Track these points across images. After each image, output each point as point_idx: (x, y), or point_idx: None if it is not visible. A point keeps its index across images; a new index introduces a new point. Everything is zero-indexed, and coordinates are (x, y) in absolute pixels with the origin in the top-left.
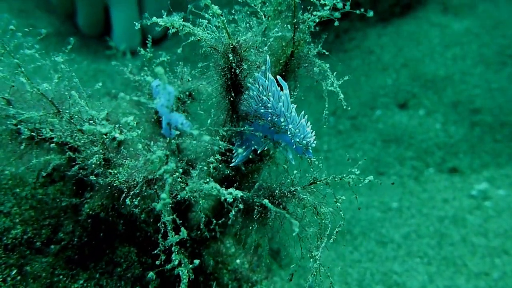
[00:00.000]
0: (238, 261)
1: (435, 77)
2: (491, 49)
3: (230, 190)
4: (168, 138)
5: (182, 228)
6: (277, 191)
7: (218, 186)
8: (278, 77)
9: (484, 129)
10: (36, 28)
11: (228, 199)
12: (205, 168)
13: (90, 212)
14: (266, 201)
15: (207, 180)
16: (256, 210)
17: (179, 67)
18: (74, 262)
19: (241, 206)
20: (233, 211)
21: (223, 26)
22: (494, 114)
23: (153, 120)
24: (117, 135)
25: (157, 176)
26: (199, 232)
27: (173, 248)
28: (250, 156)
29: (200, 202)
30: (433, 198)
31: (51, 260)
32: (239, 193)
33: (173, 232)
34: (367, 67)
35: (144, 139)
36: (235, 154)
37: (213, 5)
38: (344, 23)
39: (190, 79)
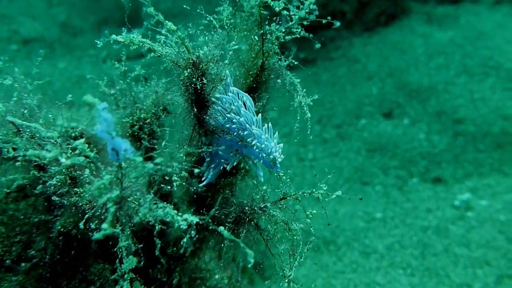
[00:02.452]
0: (217, 276)
1: (420, 87)
2: (474, 59)
3: (186, 216)
4: (116, 163)
5: (131, 257)
6: (247, 207)
7: (172, 212)
8: (236, 89)
9: (467, 139)
10: (19, 33)
11: (182, 227)
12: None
13: (62, 229)
14: (221, 228)
15: (162, 205)
16: (227, 227)
17: (153, 80)
18: (46, 280)
19: (193, 233)
20: (185, 239)
21: (181, 42)
22: (477, 124)
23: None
24: (62, 160)
25: (101, 203)
26: (175, 249)
27: (125, 276)
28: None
29: (157, 227)
30: (417, 208)
31: (21, 279)
32: (194, 219)
33: (128, 258)
34: (353, 76)
35: (94, 164)
36: (205, 172)
37: (166, 21)
38: (330, 32)
39: (164, 93)
